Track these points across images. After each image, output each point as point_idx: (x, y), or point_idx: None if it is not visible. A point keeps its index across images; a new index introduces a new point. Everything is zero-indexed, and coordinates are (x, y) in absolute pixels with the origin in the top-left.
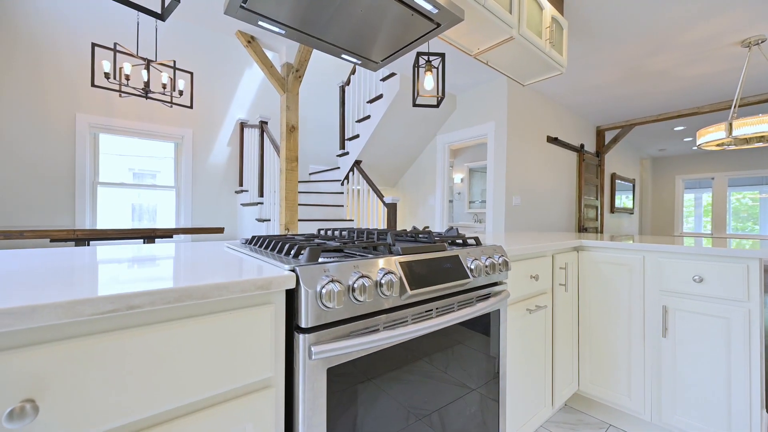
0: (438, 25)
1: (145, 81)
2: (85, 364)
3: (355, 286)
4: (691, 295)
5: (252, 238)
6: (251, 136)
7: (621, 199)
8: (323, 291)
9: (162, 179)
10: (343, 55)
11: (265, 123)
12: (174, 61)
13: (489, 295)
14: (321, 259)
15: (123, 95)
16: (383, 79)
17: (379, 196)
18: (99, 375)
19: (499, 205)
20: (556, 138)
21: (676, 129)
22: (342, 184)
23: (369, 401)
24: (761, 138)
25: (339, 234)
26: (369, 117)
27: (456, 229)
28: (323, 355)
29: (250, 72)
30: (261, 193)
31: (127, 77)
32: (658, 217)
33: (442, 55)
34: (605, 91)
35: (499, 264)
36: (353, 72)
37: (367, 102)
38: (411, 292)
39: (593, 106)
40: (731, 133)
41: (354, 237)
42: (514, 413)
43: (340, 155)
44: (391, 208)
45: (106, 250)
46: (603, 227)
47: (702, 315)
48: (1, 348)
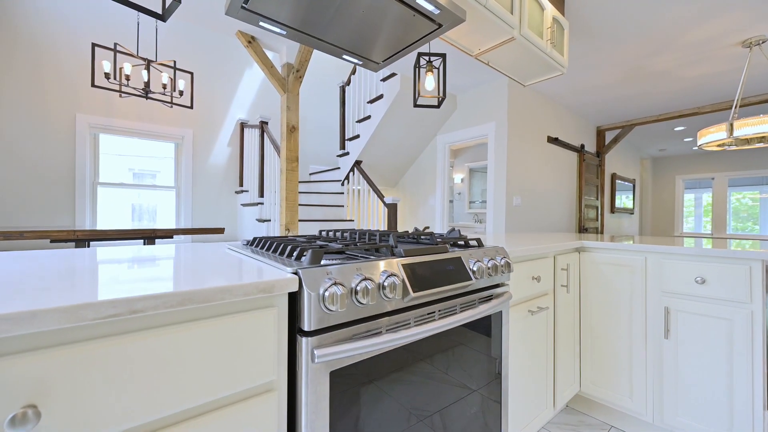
0: (439, 26)
1: (146, 81)
2: (87, 368)
3: (358, 288)
4: (693, 297)
5: (253, 239)
6: (251, 136)
7: (621, 200)
8: (326, 294)
9: (162, 179)
10: (344, 56)
11: (266, 123)
12: (174, 62)
13: (491, 297)
14: (323, 262)
15: (123, 95)
16: (384, 80)
17: (380, 196)
18: (101, 380)
19: (500, 206)
20: (556, 138)
21: (676, 129)
22: (342, 184)
23: (371, 403)
24: (762, 138)
25: (341, 235)
26: (369, 117)
27: (458, 231)
28: (326, 359)
29: (250, 72)
30: (261, 194)
31: (128, 77)
32: (658, 218)
33: (443, 56)
34: (606, 92)
35: (502, 266)
36: (353, 72)
37: (368, 102)
38: (413, 294)
39: (594, 106)
40: (732, 134)
41: (356, 239)
42: (515, 414)
43: (340, 155)
44: (392, 208)
45: (106, 251)
46: (603, 227)
47: (704, 316)
48: (2, 353)
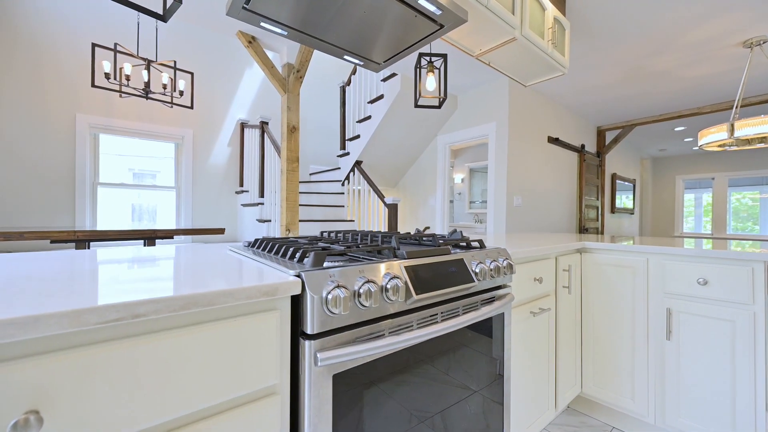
0: (441, 27)
1: (146, 81)
2: (90, 373)
3: (361, 291)
4: (696, 298)
5: (255, 240)
6: (252, 136)
7: (621, 200)
8: (329, 297)
9: (162, 179)
10: (345, 56)
11: (266, 123)
12: (174, 62)
13: (494, 299)
14: (326, 264)
15: (123, 95)
16: (384, 80)
17: (380, 196)
18: (103, 384)
19: (500, 206)
20: (557, 138)
21: (676, 129)
22: (342, 184)
23: (374, 406)
24: (763, 139)
25: (342, 237)
26: (370, 117)
27: (460, 232)
28: (329, 362)
29: (250, 72)
30: (261, 194)
31: (128, 77)
32: (658, 218)
33: (444, 56)
34: (606, 92)
35: (504, 267)
36: (354, 72)
37: (368, 102)
38: (416, 296)
39: (594, 106)
40: (733, 134)
41: (358, 240)
42: (517, 416)
43: (340, 155)
44: (392, 208)
45: (107, 253)
46: (603, 228)
47: (706, 318)
48: (4, 358)
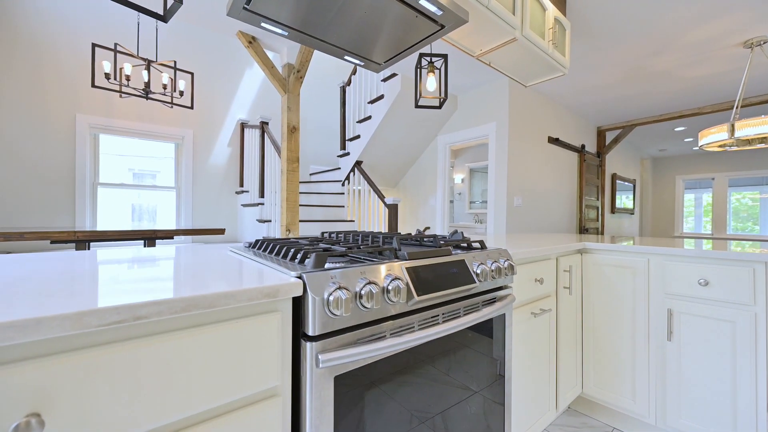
0: (442, 27)
1: (146, 81)
2: (91, 375)
3: (362, 293)
4: (697, 299)
5: (256, 241)
6: (252, 136)
7: (621, 200)
8: (330, 298)
9: (162, 179)
10: (346, 57)
11: (266, 123)
12: (174, 62)
13: (495, 300)
14: (327, 265)
15: (123, 96)
16: (384, 80)
17: (380, 196)
18: (105, 386)
19: (501, 206)
20: (557, 138)
21: (677, 129)
22: (343, 184)
23: (375, 407)
24: (764, 139)
25: (343, 238)
26: (370, 117)
27: (461, 233)
28: (330, 363)
29: (250, 72)
30: (262, 194)
31: (128, 78)
32: (658, 218)
33: (444, 57)
34: (606, 92)
35: (505, 268)
36: (354, 72)
37: (368, 102)
38: (418, 298)
39: (594, 106)
40: (733, 134)
41: (359, 241)
42: (518, 416)
43: (340, 156)
44: (392, 209)
45: (108, 254)
46: (604, 228)
47: (708, 318)
48: (5, 361)
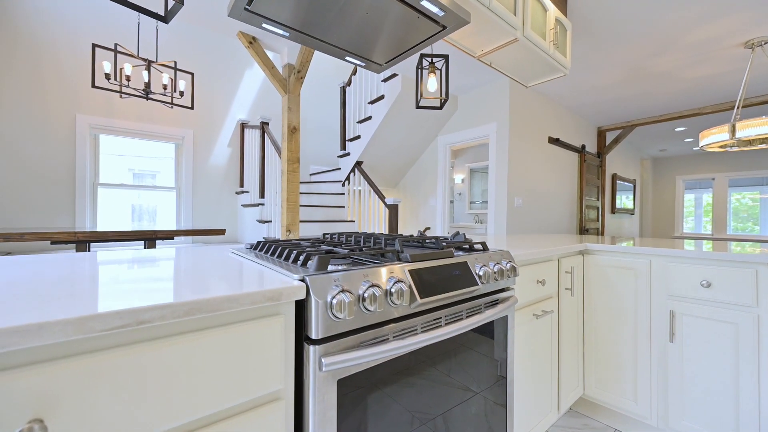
0: (444, 28)
1: (146, 82)
2: (94, 380)
3: (366, 295)
4: (699, 300)
5: (257, 243)
6: (252, 136)
7: (622, 200)
8: (334, 301)
9: (162, 180)
10: (347, 57)
11: (266, 124)
12: (175, 62)
13: (497, 302)
14: (329, 268)
15: (123, 96)
16: (385, 80)
17: (381, 197)
18: (108, 391)
19: (501, 207)
20: (557, 139)
21: (677, 130)
22: (343, 185)
23: (378, 410)
24: (764, 140)
25: (345, 239)
26: (370, 118)
27: (463, 234)
28: (334, 367)
29: (250, 72)
30: (262, 194)
31: (128, 78)
32: (658, 218)
33: (445, 57)
34: (607, 92)
35: (507, 270)
36: (354, 73)
37: (369, 103)
38: (421, 300)
39: (595, 106)
40: (735, 135)
41: (361, 243)
42: (520, 418)
43: (341, 156)
44: (393, 209)
45: (110, 256)
46: (604, 228)
47: (710, 320)
48: (8, 367)
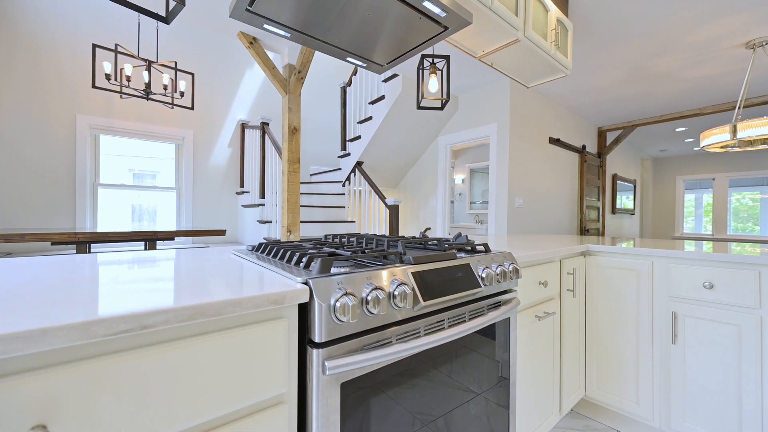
0: (445, 29)
1: (146, 82)
2: (97, 385)
3: (369, 298)
4: (702, 302)
5: (259, 245)
6: (252, 137)
7: (622, 200)
8: (337, 305)
9: (162, 180)
10: (348, 58)
11: (267, 124)
12: (175, 62)
13: (500, 304)
14: (332, 270)
15: (124, 96)
16: (385, 81)
17: (381, 197)
18: (111, 396)
19: (502, 207)
20: (558, 139)
21: (677, 130)
22: (343, 185)
23: (382, 413)
24: (765, 140)
25: (347, 241)
26: (371, 118)
27: (465, 236)
28: (337, 371)
29: (251, 73)
30: (262, 195)
31: (128, 78)
32: (658, 218)
33: (447, 58)
34: (608, 92)
35: (510, 272)
36: (355, 73)
37: (369, 103)
38: (424, 303)
39: (595, 107)
40: (736, 135)
41: (363, 245)
42: (522, 419)
43: (341, 156)
44: (393, 209)
45: (111, 258)
46: (604, 228)
47: (712, 322)
48: (11, 373)
